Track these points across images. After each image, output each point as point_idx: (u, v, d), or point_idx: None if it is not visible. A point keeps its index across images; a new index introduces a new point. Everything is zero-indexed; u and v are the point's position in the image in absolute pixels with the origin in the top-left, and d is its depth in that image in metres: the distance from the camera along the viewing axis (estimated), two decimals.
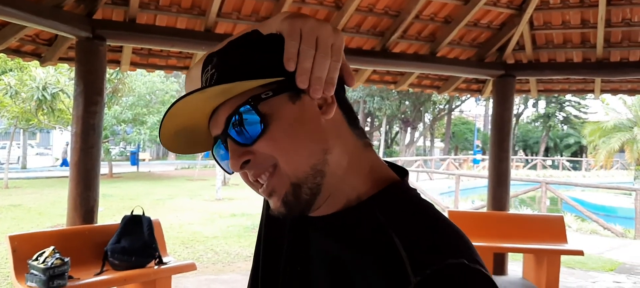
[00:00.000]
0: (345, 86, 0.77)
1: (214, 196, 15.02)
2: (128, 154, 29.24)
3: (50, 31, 4.59)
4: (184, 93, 0.69)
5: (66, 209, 4.64)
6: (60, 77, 12.95)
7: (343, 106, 0.74)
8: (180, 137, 0.74)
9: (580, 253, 5.70)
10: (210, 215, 11.75)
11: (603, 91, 6.55)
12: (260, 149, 0.68)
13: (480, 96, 7.18)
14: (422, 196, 0.74)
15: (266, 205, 0.88)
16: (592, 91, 6.61)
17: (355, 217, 0.71)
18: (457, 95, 7.53)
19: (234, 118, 0.68)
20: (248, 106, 0.67)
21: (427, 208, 0.71)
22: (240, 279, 6.21)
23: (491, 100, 6.53)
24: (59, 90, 12.76)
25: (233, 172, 0.74)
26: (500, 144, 6.20)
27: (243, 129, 0.68)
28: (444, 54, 6.02)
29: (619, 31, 5.55)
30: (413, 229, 0.66)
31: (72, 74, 13.36)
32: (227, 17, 5.16)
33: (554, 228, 6.09)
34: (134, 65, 5.58)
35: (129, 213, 4.62)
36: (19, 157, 26.36)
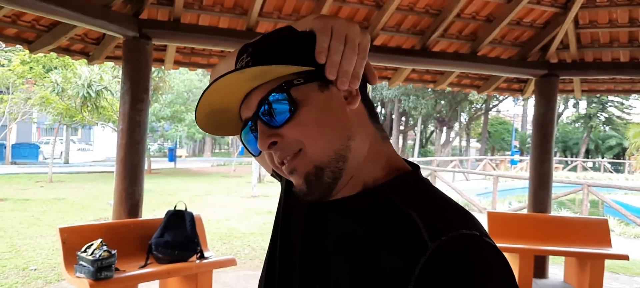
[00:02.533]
0: (367, 84, 0.83)
1: (250, 193, 15.20)
2: (166, 151, 29.84)
3: (99, 30, 4.73)
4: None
5: (108, 203, 4.79)
6: (104, 75, 13.33)
7: (365, 101, 0.81)
8: (213, 118, 0.80)
9: (626, 257, 5.55)
10: (246, 211, 11.91)
11: None
12: (288, 132, 0.73)
13: (521, 96, 7.06)
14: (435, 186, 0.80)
15: (286, 188, 0.93)
16: (639, 92, 6.41)
17: (372, 199, 0.77)
18: (497, 94, 7.40)
19: (267, 100, 0.73)
20: (281, 90, 0.73)
21: (440, 193, 0.78)
22: None
23: (530, 100, 6.41)
24: (103, 88, 13.13)
25: (259, 154, 0.81)
26: (543, 145, 6.08)
27: (274, 111, 0.73)
28: (485, 53, 5.95)
29: None
30: (428, 207, 0.73)
31: (115, 72, 13.81)
32: (268, 16, 5.22)
33: (597, 231, 5.94)
34: (177, 63, 5.71)
35: (172, 208, 4.73)
36: (61, 152, 27.23)
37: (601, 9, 5.50)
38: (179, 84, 21.72)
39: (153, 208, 10.85)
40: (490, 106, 40.23)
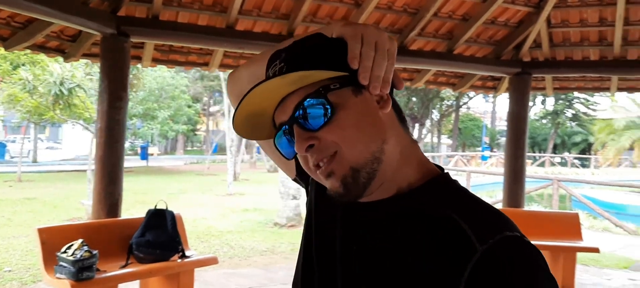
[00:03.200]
0: (394, 89, 0.86)
1: (226, 191, 15.13)
2: (137, 149, 29.42)
3: (77, 28, 4.66)
4: (187, 89, 0.76)
5: (81, 202, 4.73)
6: (76, 72, 13.07)
7: (394, 106, 0.84)
8: (249, 121, 0.83)
9: (596, 250, 5.74)
10: (223, 209, 11.86)
11: (619, 89, 6.57)
12: (326, 135, 0.76)
13: (495, 93, 7.21)
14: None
15: (316, 192, 0.95)
16: (608, 89, 6.63)
17: (413, 201, 0.80)
18: (473, 92, 7.59)
19: (304, 103, 0.76)
20: (318, 94, 0.75)
21: (472, 194, 0.81)
22: (259, 273, 6.29)
23: (499, 97, 6.56)
24: (76, 86, 12.87)
25: (292, 157, 0.83)
26: (516, 142, 6.23)
27: (311, 115, 0.76)
28: (460, 52, 6.06)
29: (637, 30, 5.57)
30: (469, 210, 0.76)
31: (88, 69, 13.54)
32: (248, 14, 5.22)
33: (569, 225, 6.13)
34: (155, 61, 5.65)
35: (151, 207, 4.71)
36: (29, 151, 26.58)
37: (572, 9, 5.66)
38: (151, 81, 21.42)
39: (127, 208, 10.67)
40: (461, 103, 40.83)
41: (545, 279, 0.67)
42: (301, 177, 1.05)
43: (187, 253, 4.65)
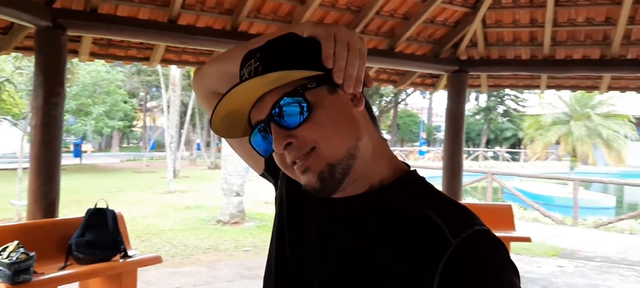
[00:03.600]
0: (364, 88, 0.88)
1: (166, 188, 14.81)
2: (70, 146, 28.22)
3: (9, 19, 4.44)
4: (123, 84, 0.77)
5: (10, 202, 4.52)
6: (5, 66, 12.38)
7: (366, 104, 0.86)
8: (227, 121, 0.84)
9: (528, 239, 6.07)
10: (163, 207, 11.60)
11: (549, 87, 6.96)
12: (303, 133, 0.78)
13: (434, 90, 7.45)
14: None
15: (287, 188, 0.97)
16: (538, 87, 7.00)
17: (386, 196, 0.83)
18: (411, 89, 7.81)
19: (282, 102, 0.77)
20: (296, 93, 0.77)
21: (440, 191, 0.85)
22: (203, 271, 6.22)
23: (435, 94, 6.79)
24: (5, 80, 12.19)
25: (269, 155, 0.84)
26: (454, 137, 6.47)
27: (288, 113, 0.77)
28: (401, 50, 6.22)
29: (564, 30, 5.91)
30: (440, 206, 0.80)
31: (18, 63, 12.84)
32: (190, 8, 5.14)
33: (503, 216, 6.45)
34: (93, 55, 5.46)
35: (91, 206, 4.56)
36: None
37: (506, 10, 5.94)
38: (85, 76, 20.58)
39: (61, 208, 10.25)
40: (400, 100, 41.75)
41: (510, 268, 0.73)
42: (270, 172, 1.06)
43: (129, 252, 4.53)
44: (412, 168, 0.89)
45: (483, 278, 0.70)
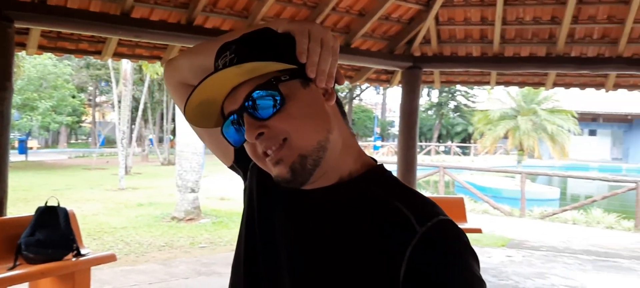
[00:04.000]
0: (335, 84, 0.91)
1: (117, 185, 14.45)
2: (14, 142, 27.09)
3: None
4: (71, 78, 0.79)
5: None
6: None
7: (337, 100, 0.90)
8: (200, 110, 0.86)
9: (479, 231, 6.28)
10: (115, 205, 11.33)
11: (498, 83, 7.19)
12: (275, 124, 0.80)
13: (389, 86, 7.57)
14: None
15: (258, 180, 0.99)
16: (488, 83, 7.22)
17: (355, 188, 0.87)
18: (366, 84, 7.92)
19: (255, 94, 0.80)
20: (269, 84, 0.80)
21: (405, 185, 0.90)
22: (158, 269, 6.13)
23: (389, 90, 6.92)
24: None
25: (239, 145, 0.87)
26: (409, 132, 6.59)
27: (261, 104, 0.80)
28: (357, 46, 6.29)
29: (513, 29, 6.12)
30: (407, 197, 0.84)
31: None
32: (144, 2, 5.02)
33: (455, 209, 6.65)
34: (42, 48, 5.28)
35: (38, 204, 4.44)
36: None
37: (458, 8, 6.10)
38: (31, 69, 19.78)
39: (7, 206, 9.87)
40: (354, 95, 42.15)
41: (472, 256, 0.78)
42: (239, 165, 1.08)
43: (82, 251, 4.43)
44: (379, 163, 0.93)
45: (446, 264, 0.75)
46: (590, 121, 37.18)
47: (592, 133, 39.46)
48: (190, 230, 8.74)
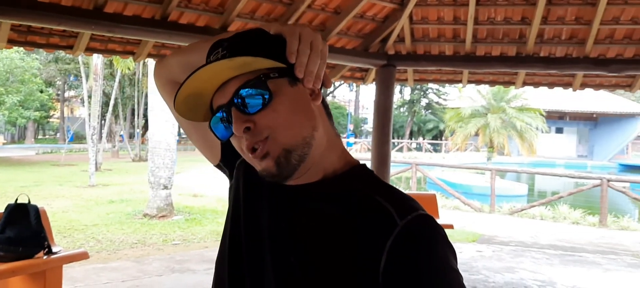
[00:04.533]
0: (324, 87, 0.95)
1: (87, 182, 14.20)
2: None
3: None
4: (39, 72, 0.81)
5: None
6: None
7: (323, 102, 0.94)
8: (189, 102, 0.88)
9: (451, 227, 6.40)
10: (85, 202, 11.15)
11: (469, 81, 7.31)
12: (262, 119, 0.84)
13: (363, 83, 7.63)
14: None
15: (244, 177, 1.02)
16: (460, 81, 7.34)
17: (338, 184, 0.91)
18: (341, 81, 7.98)
19: (244, 89, 0.83)
20: (258, 80, 0.83)
21: (387, 182, 0.94)
22: (131, 266, 6.07)
23: (362, 87, 6.98)
24: None
25: (226, 139, 0.90)
26: (383, 129, 6.66)
27: (250, 99, 0.83)
28: (332, 43, 6.32)
29: (484, 28, 6.24)
30: (388, 193, 0.88)
31: None
32: None
33: (428, 205, 6.74)
34: (11, 42, 5.15)
35: (6, 201, 4.35)
36: None
37: (431, 7, 6.19)
38: None
39: None
40: (328, 92, 42.22)
41: (449, 249, 0.82)
42: (225, 163, 1.10)
43: (53, 249, 4.37)
44: (361, 163, 0.97)
45: (425, 256, 0.79)
46: (557, 119, 38.11)
47: (559, 131, 40.43)
48: (162, 227, 8.66)
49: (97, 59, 17.18)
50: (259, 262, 0.92)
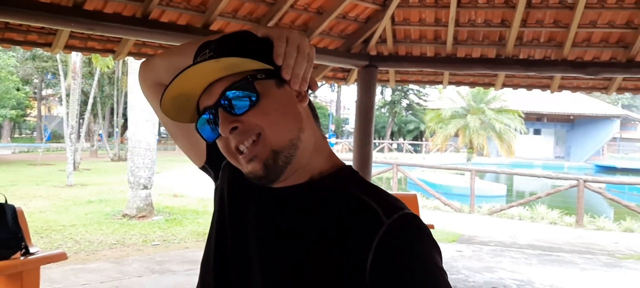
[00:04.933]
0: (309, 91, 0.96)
1: (65, 182, 13.98)
2: None
3: None
4: (15, 70, 0.81)
5: None
6: None
7: (309, 104, 0.95)
8: (176, 102, 0.88)
9: (432, 227, 6.42)
10: (63, 202, 10.98)
11: (450, 83, 7.39)
12: (250, 119, 0.84)
13: (345, 84, 7.66)
14: None
15: (229, 180, 1.01)
16: (441, 82, 7.41)
17: (325, 186, 0.91)
18: (323, 82, 7.99)
19: (231, 90, 0.83)
20: (246, 81, 0.84)
21: (373, 183, 0.95)
22: (110, 267, 6.00)
23: (343, 88, 7.00)
24: None
25: (212, 141, 0.89)
26: (364, 129, 6.68)
27: (237, 100, 0.84)
28: (314, 43, 6.33)
29: (465, 30, 6.31)
30: (374, 193, 0.89)
31: None
32: None
33: (409, 205, 6.50)
34: None
35: None
36: None
37: (413, 9, 6.23)
38: None
39: None
40: (309, 92, 42.23)
41: (434, 248, 0.83)
42: (210, 165, 1.10)
43: (31, 249, 4.30)
44: (348, 165, 0.98)
45: (411, 254, 0.79)
46: (535, 121, 38.70)
47: (537, 132, 41.04)
48: (142, 228, 8.58)
49: (75, 57, 16.92)
50: (246, 264, 0.92)
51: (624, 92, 6.89)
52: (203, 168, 1.13)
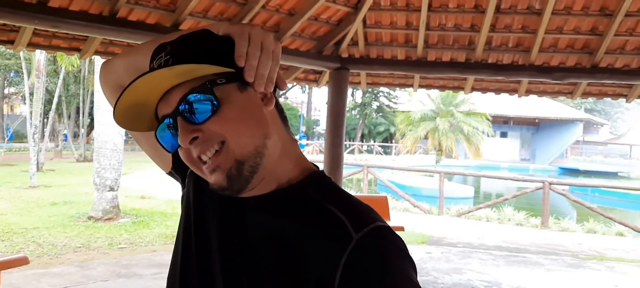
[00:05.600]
0: (278, 89, 0.91)
1: (28, 183, 13.59)
2: None
3: None
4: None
5: None
6: None
7: (276, 105, 0.89)
8: (130, 112, 0.82)
9: (402, 229, 6.49)
10: (25, 204, 10.67)
11: (421, 86, 7.45)
12: (210, 127, 0.79)
13: (317, 86, 7.64)
14: None
15: (194, 187, 0.97)
16: (411, 85, 7.46)
17: (293, 195, 0.86)
18: (296, 84, 7.95)
19: (189, 97, 0.78)
20: (204, 88, 0.78)
21: (344, 190, 0.90)
22: (74, 271, 5.84)
23: (314, 89, 6.99)
24: None
25: (174, 150, 0.84)
26: (336, 131, 6.69)
27: (196, 108, 0.78)
28: (286, 45, 6.29)
29: (435, 34, 6.36)
30: (344, 203, 0.83)
31: None
32: None
33: (379, 207, 6.79)
34: None
35: None
36: None
37: (385, 12, 6.26)
38: None
39: None
40: (280, 94, 42.16)
41: (408, 262, 0.78)
42: (177, 171, 1.05)
43: None
44: (319, 169, 0.92)
45: (383, 272, 0.74)
46: (502, 124, 39.51)
47: (504, 135, 41.89)
48: (108, 230, 8.39)
49: (40, 55, 16.48)
50: (209, 277, 0.88)
51: (589, 97, 7.06)
52: (170, 174, 1.09)
